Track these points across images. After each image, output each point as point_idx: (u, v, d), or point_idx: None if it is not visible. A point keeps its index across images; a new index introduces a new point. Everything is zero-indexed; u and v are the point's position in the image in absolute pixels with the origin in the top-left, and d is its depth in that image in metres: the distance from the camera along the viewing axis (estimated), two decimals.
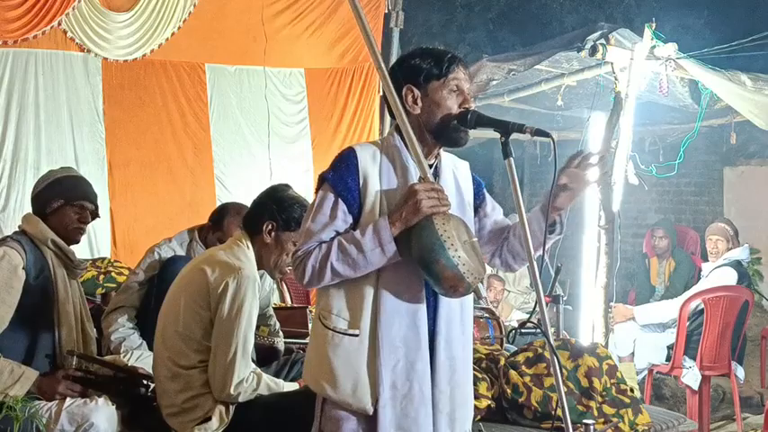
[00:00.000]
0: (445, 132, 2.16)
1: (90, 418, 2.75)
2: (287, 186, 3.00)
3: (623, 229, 5.69)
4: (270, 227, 2.86)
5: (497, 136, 2.14)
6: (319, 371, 2.12)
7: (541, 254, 2.21)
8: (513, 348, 3.63)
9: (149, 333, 3.13)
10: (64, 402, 2.80)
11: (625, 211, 5.39)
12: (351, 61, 6.34)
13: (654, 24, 4.45)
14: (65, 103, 5.18)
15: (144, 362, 3.26)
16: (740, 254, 5.30)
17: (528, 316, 3.00)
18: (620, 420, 3.05)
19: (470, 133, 2.20)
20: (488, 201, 2.39)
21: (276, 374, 3.21)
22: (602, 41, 4.32)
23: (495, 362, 3.24)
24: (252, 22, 5.71)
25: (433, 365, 2.13)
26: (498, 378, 3.16)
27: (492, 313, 4.04)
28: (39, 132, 5.06)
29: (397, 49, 6.15)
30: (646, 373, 5.11)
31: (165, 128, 5.67)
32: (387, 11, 6.17)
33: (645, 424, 3.10)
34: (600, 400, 3.11)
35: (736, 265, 5.18)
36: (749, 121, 5.41)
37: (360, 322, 2.09)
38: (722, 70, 4.57)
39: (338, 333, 2.10)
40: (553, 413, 2.95)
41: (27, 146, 5.00)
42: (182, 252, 3.59)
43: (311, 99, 6.31)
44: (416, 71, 2.16)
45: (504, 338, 3.91)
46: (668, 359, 5.02)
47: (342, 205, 2.09)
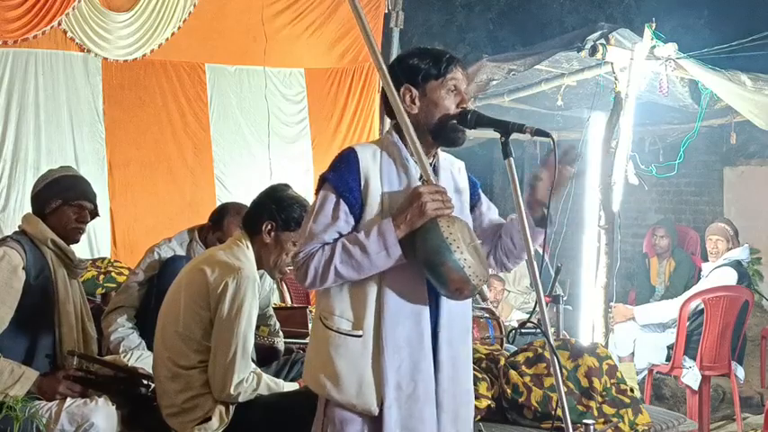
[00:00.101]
0: (443, 132, 2.16)
1: (90, 418, 2.76)
2: (286, 186, 3.00)
3: (623, 229, 5.68)
4: (269, 227, 2.86)
5: (497, 136, 2.14)
6: (322, 372, 2.11)
7: (535, 247, 2.21)
8: (513, 348, 3.63)
9: (149, 333, 3.13)
10: (64, 402, 2.80)
11: (625, 211, 5.38)
12: (351, 61, 6.34)
13: (654, 24, 4.45)
14: (65, 103, 5.18)
15: (144, 362, 3.26)
16: (740, 254, 5.29)
17: (528, 316, 2.99)
18: (620, 420, 3.05)
19: (471, 133, 2.20)
20: (483, 200, 2.39)
21: (276, 374, 3.21)
22: (602, 41, 4.31)
23: (495, 362, 3.24)
24: (252, 22, 5.71)
25: (436, 365, 2.13)
26: (498, 378, 3.16)
27: (492, 313, 4.04)
28: (39, 132, 5.05)
29: (396, 49, 6.14)
30: (646, 373, 5.11)
31: (165, 128, 5.67)
32: (387, 11, 6.16)
33: (645, 424, 3.10)
34: (600, 400, 3.11)
35: (736, 265, 5.18)
36: (749, 121, 5.40)
37: (363, 323, 2.08)
38: (722, 70, 4.57)
39: (341, 334, 2.09)
40: (553, 413, 2.95)
41: (27, 146, 4.99)
42: (182, 252, 3.59)
43: (311, 99, 6.31)
44: (415, 71, 2.16)
45: (504, 338, 3.91)
46: (668, 359, 5.01)
47: (344, 206, 2.08)
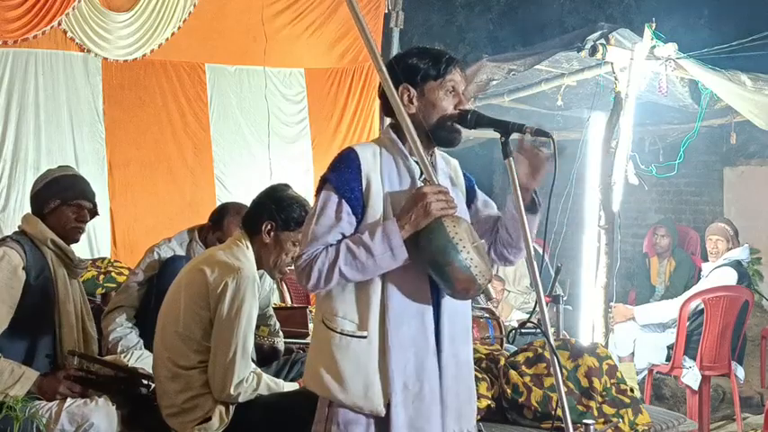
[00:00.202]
0: (441, 132, 2.16)
1: (90, 418, 2.76)
2: (286, 186, 3.00)
3: (623, 229, 5.68)
4: (269, 227, 2.86)
5: (497, 136, 2.14)
6: (326, 374, 2.10)
7: (535, 247, 2.21)
8: (513, 348, 3.63)
9: (149, 333, 3.13)
10: (64, 402, 2.81)
11: (625, 211, 5.37)
12: (351, 61, 6.34)
13: (654, 24, 4.44)
14: (65, 103, 5.18)
15: (144, 362, 3.26)
16: (740, 254, 5.29)
17: (528, 316, 2.99)
18: (620, 420, 3.05)
19: (471, 133, 2.20)
20: (480, 196, 2.38)
21: (276, 374, 3.21)
22: (602, 41, 4.31)
23: (495, 362, 3.24)
24: (252, 22, 5.70)
25: (440, 364, 2.13)
26: (498, 378, 3.16)
27: (492, 313, 4.03)
28: (39, 132, 5.05)
29: (396, 49, 6.14)
30: (646, 373, 5.11)
31: (165, 128, 5.67)
32: (387, 11, 6.15)
33: (645, 424, 3.10)
34: (600, 400, 3.11)
35: (736, 265, 5.18)
36: (749, 121, 5.40)
37: (368, 324, 2.07)
38: (722, 70, 4.56)
39: (345, 336, 2.08)
40: (553, 413, 2.95)
41: (27, 146, 4.99)
42: (181, 252, 3.59)
43: (311, 99, 6.31)
44: (413, 71, 2.15)
45: (504, 338, 3.90)
46: (668, 359, 5.01)
47: (346, 206, 2.07)
